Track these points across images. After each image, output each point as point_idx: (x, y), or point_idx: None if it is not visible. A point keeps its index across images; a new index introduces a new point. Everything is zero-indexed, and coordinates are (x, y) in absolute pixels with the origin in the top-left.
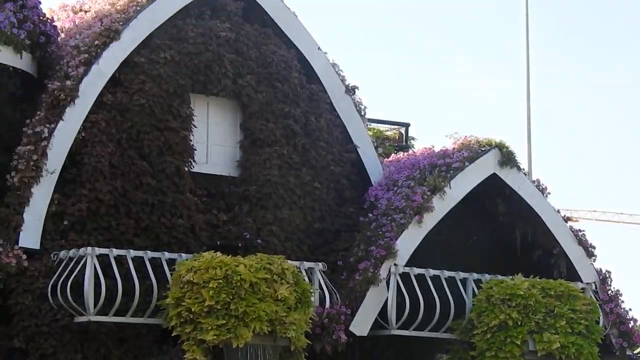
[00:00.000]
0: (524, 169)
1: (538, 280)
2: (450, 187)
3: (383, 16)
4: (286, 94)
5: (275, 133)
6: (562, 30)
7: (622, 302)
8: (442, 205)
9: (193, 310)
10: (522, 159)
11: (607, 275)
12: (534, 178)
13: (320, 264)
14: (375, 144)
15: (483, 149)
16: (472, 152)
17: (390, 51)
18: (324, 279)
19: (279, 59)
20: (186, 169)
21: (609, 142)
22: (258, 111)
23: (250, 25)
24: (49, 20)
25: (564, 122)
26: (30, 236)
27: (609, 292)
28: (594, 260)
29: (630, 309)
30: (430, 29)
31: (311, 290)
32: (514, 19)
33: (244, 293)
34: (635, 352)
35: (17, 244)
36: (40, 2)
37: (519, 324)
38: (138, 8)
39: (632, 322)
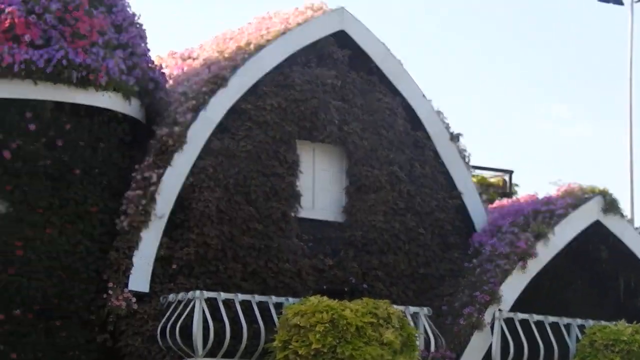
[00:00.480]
0: (627, 216)
1: None
2: (554, 234)
3: (481, 66)
4: (391, 140)
5: (381, 179)
6: None
7: None
8: (545, 252)
9: (300, 353)
10: (625, 206)
11: None
12: (637, 225)
13: (425, 308)
14: (479, 191)
15: (587, 196)
16: (575, 199)
17: (490, 99)
18: (429, 324)
19: (384, 106)
20: (292, 214)
21: None
22: (363, 158)
23: (356, 72)
24: (157, 68)
25: None
26: (139, 279)
27: None
28: None
29: None
30: (527, 77)
31: (416, 335)
32: (613, 63)
33: (350, 337)
34: None
35: (127, 287)
36: (149, 50)
37: None
38: (245, 56)
39: None
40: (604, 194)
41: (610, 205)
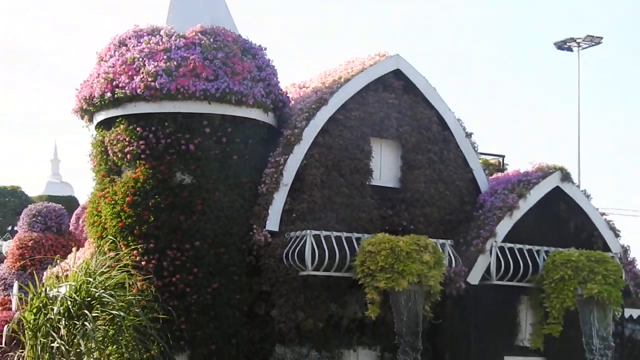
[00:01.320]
0: (576, 183)
1: (584, 251)
2: (530, 194)
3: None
4: (429, 137)
5: (422, 161)
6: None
7: (636, 265)
8: (524, 205)
9: (371, 268)
10: (575, 176)
11: (627, 248)
12: (582, 188)
13: (449, 240)
14: (484, 168)
15: (551, 170)
16: (544, 172)
17: (503, 103)
18: (451, 250)
19: (425, 116)
20: (367, 183)
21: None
22: (412, 148)
23: (407, 95)
24: (284, 93)
25: (605, 146)
26: (272, 223)
27: (628, 258)
28: (619, 239)
29: None
30: (519, 91)
31: (443, 257)
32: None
33: (402, 258)
34: None
35: (265, 227)
36: (279, 82)
37: (572, 278)
38: (339, 85)
39: None
40: (562, 169)
41: (566, 176)
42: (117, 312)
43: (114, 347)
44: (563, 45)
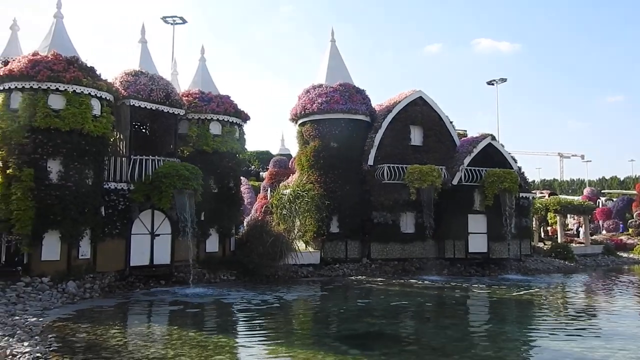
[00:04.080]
0: (499, 141)
1: (502, 169)
2: (478, 146)
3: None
4: (434, 123)
5: (431, 134)
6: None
7: (524, 174)
8: (475, 150)
9: (411, 179)
10: (497, 137)
11: (520, 168)
12: (500, 142)
13: (443, 167)
14: (458, 135)
15: (487, 135)
16: (484, 136)
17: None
18: (445, 171)
19: (432, 115)
20: (408, 143)
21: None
22: (427, 128)
23: (424, 106)
24: (374, 108)
25: (516, 119)
26: (370, 161)
27: (520, 171)
28: (517, 163)
29: (527, 177)
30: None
31: (442, 173)
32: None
33: (424, 174)
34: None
35: (367, 163)
36: (371, 103)
37: (496, 180)
38: (396, 104)
39: (527, 179)
40: (492, 135)
41: (493, 137)
42: (308, 199)
43: (308, 213)
44: (490, 82)
